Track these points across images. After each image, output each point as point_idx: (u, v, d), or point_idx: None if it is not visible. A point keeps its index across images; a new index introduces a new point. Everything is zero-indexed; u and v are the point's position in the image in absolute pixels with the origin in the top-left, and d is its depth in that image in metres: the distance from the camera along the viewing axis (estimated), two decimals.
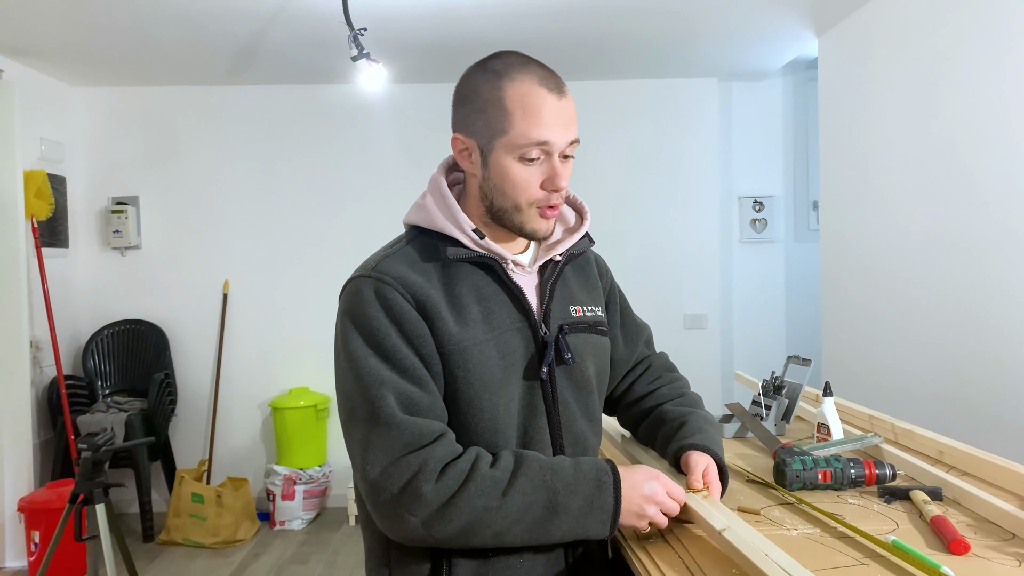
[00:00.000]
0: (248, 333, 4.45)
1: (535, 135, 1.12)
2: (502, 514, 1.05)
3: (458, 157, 1.20)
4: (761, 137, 4.59)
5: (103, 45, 3.62)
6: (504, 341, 1.17)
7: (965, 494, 1.25)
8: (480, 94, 1.15)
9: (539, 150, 1.13)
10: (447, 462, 1.06)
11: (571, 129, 1.15)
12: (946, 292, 2.75)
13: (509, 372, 1.16)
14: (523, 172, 1.14)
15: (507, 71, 1.14)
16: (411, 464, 1.04)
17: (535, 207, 1.17)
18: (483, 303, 1.17)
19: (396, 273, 1.13)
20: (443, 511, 1.03)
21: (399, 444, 1.05)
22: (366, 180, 4.42)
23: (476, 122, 1.15)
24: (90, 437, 2.55)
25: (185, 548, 3.90)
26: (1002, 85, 2.46)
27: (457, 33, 3.54)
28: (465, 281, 1.17)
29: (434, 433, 1.08)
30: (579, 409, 1.24)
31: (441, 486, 1.04)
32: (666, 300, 4.49)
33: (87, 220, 4.41)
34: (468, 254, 1.18)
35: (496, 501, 1.05)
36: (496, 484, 1.06)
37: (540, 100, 1.12)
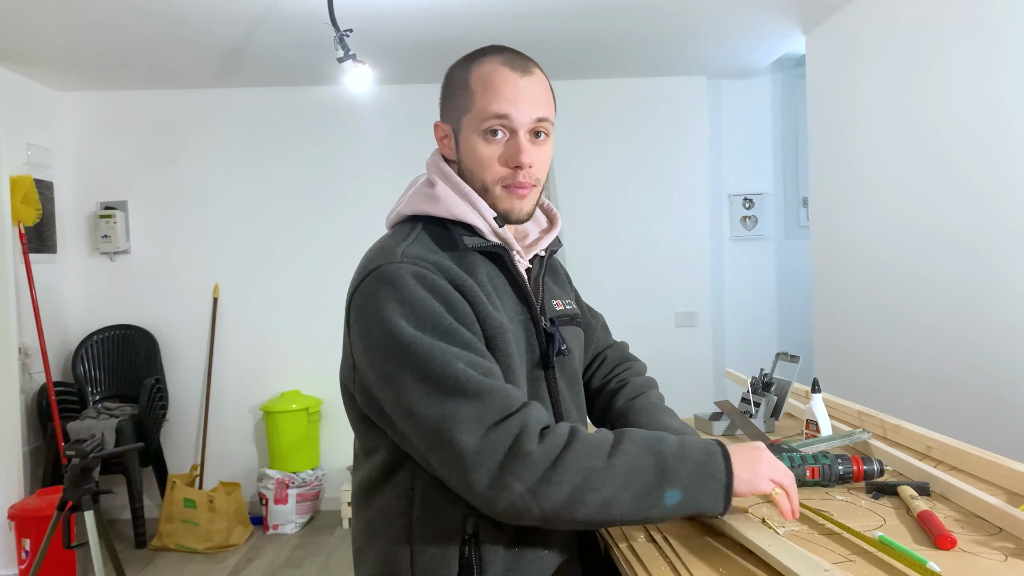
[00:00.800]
0: (239, 337, 4.44)
1: (494, 108, 1.12)
2: (610, 476, 0.99)
3: (440, 146, 1.22)
4: (750, 134, 4.59)
5: (90, 49, 3.60)
6: (515, 331, 1.16)
7: (952, 489, 1.25)
8: (453, 79, 1.20)
9: (500, 125, 1.13)
10: (544, 425, 1.03)
11: (537, 107, 1.14)
12: (936, 286, 2.76)
13: (521, 362, 1.17)
14: (486, 149, 1.15)
15: (478, 56, 1.18)
16: (511, 427, 1.00)
17: (500, 185, 1.16)
18: (496, 292, 1.17)
19: (428, 258, 1.10)
20: (550, 473, 0.98)
21: (493, 410, 1.01)
22: (355, 182, 4.41)
23: (448, 106, 1.19)
24: (78, 444, 2.53)
25: (178, 554, 3.88)
26: (987, 79, 2.47)
27: (444, 34, 3.53)
28: (480, 271, 1.16)
29: (521, 398, 1.05)
30: (572, 401, 1.26)
31: (546, 446, 0.99)
32: (657, 298, 4.49)
33: (75, 225, 4.39)
34: (482, 243, 1.17)
35: (603, 462, 1.00)
36: (601, 445, 1.02)
37: (501, 77, 1.13)
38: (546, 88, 1.18)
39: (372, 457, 1.18)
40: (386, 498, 1.15)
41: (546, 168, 1.20)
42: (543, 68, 1.22)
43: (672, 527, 1.19)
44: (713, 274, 4.56)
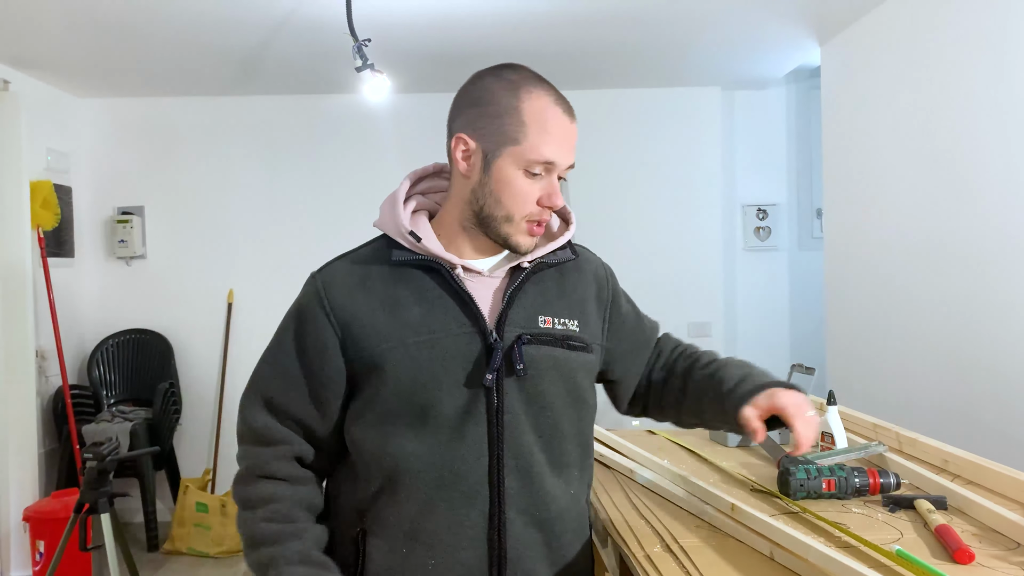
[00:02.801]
0: (253, 343, 4.42)
1: (546, 153, 1.13)
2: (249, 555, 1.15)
3: (456, 157, 1.18)
4: (764, 145, 4.59)
5: (109, 56, 3.64)
6: (442, 345, 1.14)
7: (970, 503, 1.25)
8: (496, 100, 1.15)
9: (543, 167, 1.15)
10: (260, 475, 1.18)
11: (572, 154, 1.18)
12: (949, 300, 2.75)
13: (444, 376, 1.14)
14: (525, 185, 1.15)
15: (524, 83, 1.15)
16: (244, 455, 1.21)
17: (526, 221, 1.17)
18: (424, 305, 1.16)
19: (330, 277, 1.22)
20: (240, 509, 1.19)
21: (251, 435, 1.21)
22: (370, 190, 4.39)
23: (487, 126, 1.15)
24: (95, 447, 2.55)
25: (190, 557, 3.89)
26: (1003, 93, 2.46)
27: (461, 43, 3.55)
28: (409, 284, 1.18)
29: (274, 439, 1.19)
30: (528, 423, 1.17)
31: (238, 491, 1.20)
32: (670, 308, 4.48)
33: (92, 230, 4.43)
34: (410, 257, 1.19)
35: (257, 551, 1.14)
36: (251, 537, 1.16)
37: (556, 119, 1.14)
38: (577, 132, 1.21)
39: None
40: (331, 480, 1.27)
41: None
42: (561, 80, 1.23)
43: (682, 531, 1.19)
44: (726, 284, 4.56)
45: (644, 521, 1.31)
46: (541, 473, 1.17)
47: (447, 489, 1.13)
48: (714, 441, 1.84)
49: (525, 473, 1.16)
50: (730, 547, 1.16)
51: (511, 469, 1.15)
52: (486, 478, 1.14)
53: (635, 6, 3.15)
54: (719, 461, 1.62)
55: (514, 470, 1.15)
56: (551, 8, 3.15)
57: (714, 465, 1.60)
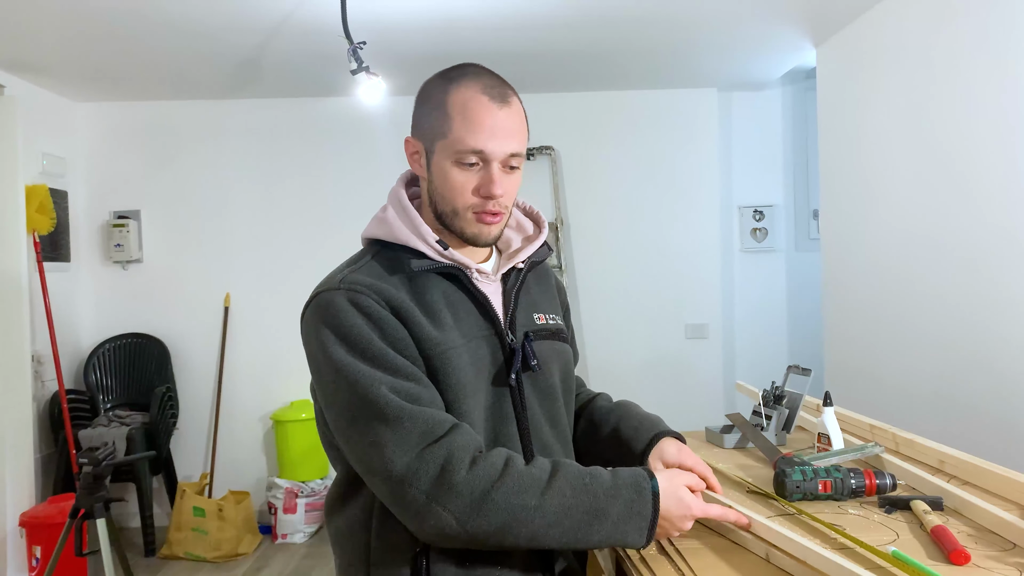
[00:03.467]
0: (250, 346, 4.46)
1: (471, 142, 1.13)
2: (540, 514, 1.02)
3: (409, 160, 1.22)
4: (761, 146, 4.60)
5: (105, 60, 3.64)
6: (474, 348, 1.16)
7: (966, 504, 1.25)
8: (430, 97, 1.18)
9: (476, 157, 1.14)
10: (474, 452, 1.05)
11: (511, 141, 1.15)
12: (947, 300, 2.75)
13: (479, 379, 1.16)
14: (459, 176, 1.15)
15: (457, 77, 1.16)
16: (435, 455, 1.02)
17: (471, 212, 1.17)
18: (452, 310, 1.17)
19: (366, 282, 1.13)
20: (479, 505, 1.01)
21: (415, 436, 1.03)
22: (366, 193, 4.41)
23: (423, 124, 1.18)
24: (91, 451, 2.55)
25: (187, 562, 3.89)
26: (999, 93, 2.47)
27: (456, 46, 3.55)
28: (434, 290, 1.18)
29: (448, 421, 1.06)
30: (544, 416, 1.23)
31: (474, 477, 1.01)
32: (667, 310, 4.49)
33: (89, 234, 4.42)
34: (432, 265, 1.18)
35: (535, 500, 1.02)
36: (535, 483, 1.04)
37: (480, 107, 1.13)
38: (521, 118, 1.18)
39: (338, 467, 1.21)
40: (352, 510, 1.18)
41: (515, 194, 1.22)
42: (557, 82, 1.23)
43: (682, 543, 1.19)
44: (723, 286, 4.56)
45: None
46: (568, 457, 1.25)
47: None
48: (711, 443, 1.83)
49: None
50: (726, 548, 1.16)
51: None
52: None
53: (631, 9, 3.15)
54: (715, 463, 1.62)
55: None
56: (546, 11, 3.15)
57: (710, 466, 1.60)
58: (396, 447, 1.03)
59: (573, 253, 4.43)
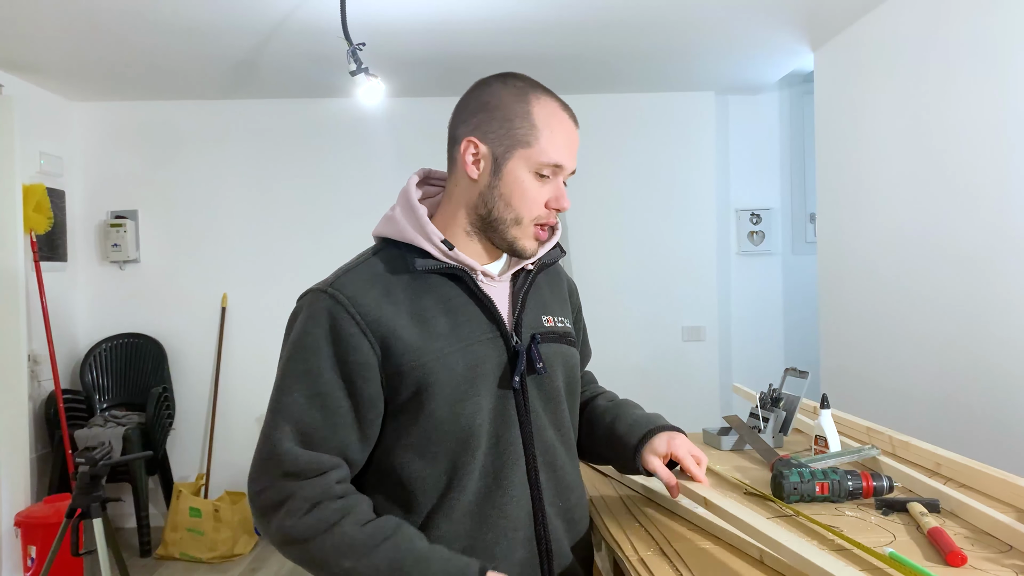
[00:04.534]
0: (246, 346, 4.45)
1: (555, 156, 1.17)
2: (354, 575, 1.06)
3: (464, 160, 1.19)
4: (758, 150, 4.61)
5: (102, 60, 3.63)
6: (473, 352, 1.16)
7: (962, 506, 1.25)
8: (506, 104, 1.18)
9: (552, 170, 1.18)
10: (315, 501, 1.07)
11: (575, 159, 1.21)
12: (943, 302, 2.76)
13: (479, 383, 1.15)
14: (534, 187, 1.18)
15: (531, 89, 1.20)
16: (282, 491, 1.08)
17: (534, 224, 1.19)
18: (451, 315, 1.17)
19: (352, 291, 1.14)
20: (299, 546, 1.06)
21: (279, 472, 1.08)
22: (364, 194, 4.43)
23: (497, 130, 1.17)
24: (88, 451, 2.55)
25: (183, 563, 3.88)
26: (995, 96, 2.48)
27: (456, 48, 3.56)
28: (432, 293, 1.17)
29: (319, 468, 1.09)
30: (548, 419, 1.23)
31: (300, 524, 1.06)
32: (664, 312, 4.50)
33: (86, 234, 4.41)
34: (436, 265, 1.18)
35: (351, 562, 1.05)
36: (355, 546, 1.05)
37: (564, 124, 1.19)
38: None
39: None
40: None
41: None
42: (555, 85, 1.25)
43: (676, 534, 1.19)
44: (720, 289, 4.57)
45: (638, 524, 1.31)
46: (563, 465, 1.24)
47: (494, 497, 1.15)
48: (708, 445, 1.84)
49: (551, 467, 1.22)
50: (724, 550, 1.16)
51: (542, 465, 1.20)
52: (526, 478, 1.18)
53: (629, 12, 3.16)
54: (713, 464, 1.62)
55: (543, 466, 1.20)
56: (545, 14, 3.16)
57: (708, 468, 1.60)
58: (260, 470, 1.10)
59: (570, 255, 4.43)
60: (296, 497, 1.07)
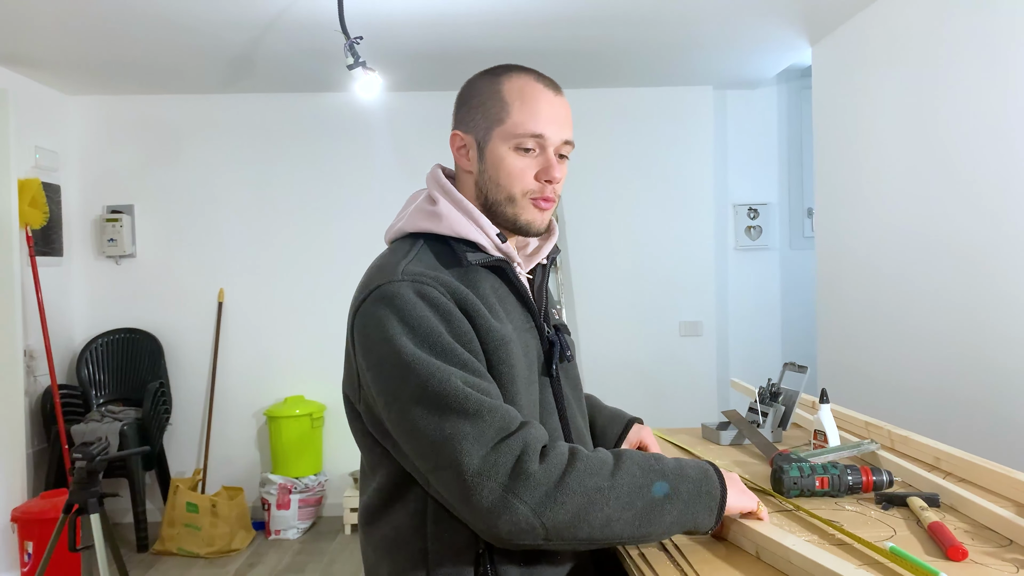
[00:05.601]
0: (243, 342, 4.44)
1: (531, 126, 1.15)
2: (614, 495, 1.01)
3: (456, 155, 1.22)
4: (756, 145, 4.60)
5: (98, 54, 3.62)
6: (523, 340, 1.18)
7: (962, 500, 1.25)
8: (479, 91, 1.20)
9: (534, 142, 1.16)
10: (544, 444, 1.03)
11: (566, 129, 1.18)
12: (942, 298, 2.76)
13: (531, 370, 1.18)
14: (518, 162, 1.17)
15: (506, 71, 1.20)
16: (512, 447, 1.00)
17: (528, 197, 1.18)
18: (501, 304, 1.18)
19: (429, 274, 1.10)
20: (554, 493, 0.98)
21: (492, 430, 1.00)
22: (362, 188, 4.42)
23: (474, 116, 1.19)
24: (85, 446, 2.54)
25: (180, 558, 3.88)
26: (994, 91, 2.48)
27: (453, 42, 3.55)
28: (485, 283, 1.17)
29: (519, 417, 1.04)
30: (575, 405, 1.28)
31: (548, 466, 0.99)
32: (661, 307, 4.50)
33: (82, 229, 4.40)
34: (486, 259, 1.17)
35: (607, 481, 1.01)
36: (603, 465, 1.03)
37: (537, 93, 1.17)
38: (570, 110, 1.21)
39: (378, 474, 1.17)
40: (398, 516, 1.14)
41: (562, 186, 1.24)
42: (554, 78, 1.25)
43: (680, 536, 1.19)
44: (717, 284, 4.57)
45: None
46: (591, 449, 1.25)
47: None
48: (707, 439, 1.84)
49: None
50: (724, 546, 1.16)
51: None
52: None
53: (627, 6, 3.15)
54: (712, 459, 1.62)
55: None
56: (542, 7, 3.15)
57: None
58: (474, 441, 0.99)
59: (568, 250, 4.43)
60: (529, 444, 1.00)
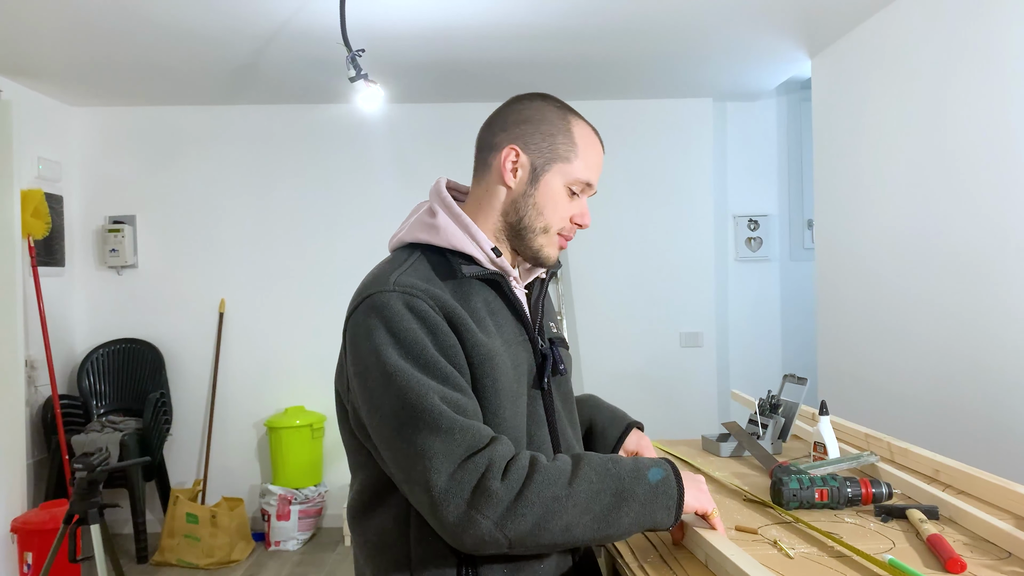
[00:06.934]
0: (244, 352, 4.45)
1: (588, 175, 1.26)
2: (572, 503, 1.04)
3: (504, 167, 1.22)
4: (756, 156, 4.62)
5: (101, 65, 3.64)
6: (514, 353, 1.20)
7: (961, 513, 1.26)
8: (549, 120, 1.25)
9: (582, 187, 1.26)
10: (509, 460, 1.06)
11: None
12: (942, 309, 2.77)
13: (520, 383, 1.20)
14: (565, 200, 1.25)
15: (570, 112, 1.28)
16: (478, 465, 1.03)
17: (559, 233, 1.26)
18: (493, 317, 1.20)
19: (420, 286, 1.13)
20: (514, 507, 1.02)
21: (462, 448, 1.04)
22: (363, 200, 4.44)
23: (540, 142, 1.23)
24: (86, 457, 2.54)
25: (179, 569, 3.87)
26: (993, 103, 2.49)
27: (455, 54, 3.57)
28: (477, 296, 1.20)
29: (489, 434, 1.07)
30: (566, 417, 1.30)
31: (509, 482, 1.03)
32: (662, 318, 4.50)
33: (84, 239, 4.41)
34: (481, 271, 1.20)
35: (564, 490, 1.04)
36: (561, 474, 1.06)
37: (597, 148, 1.29)
38: None
39: (360, 476, 1.21)
40: (383, 520, 1.17)
41: None
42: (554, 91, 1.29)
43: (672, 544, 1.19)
44: (718, 295, 4.57)
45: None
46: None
47: None
48: (707, 451, 1.84)
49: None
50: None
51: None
52: None
53: (628, 19, 3.17)
54: (712, 471, 1.62)
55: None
56: (544, 21, 3.17)
57: (707, 475, 1.61)
58: (443, 458, 1.03)
59: (569, 261, 4.44)
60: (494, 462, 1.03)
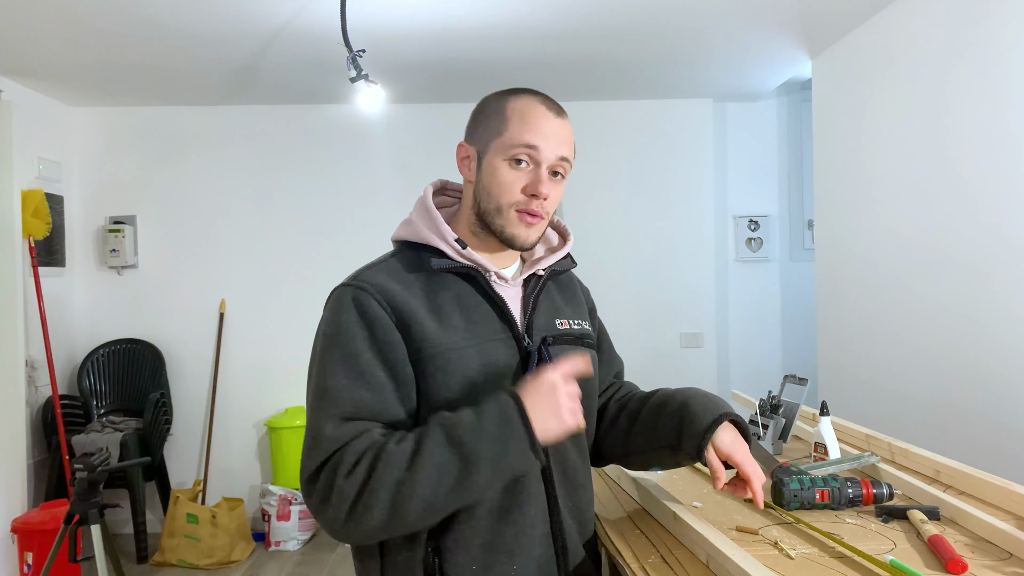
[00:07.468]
0: (244, 352, 4.45)
1: (525, 137, 1.18)
2: (418, 483, 1.04)
3: (459, 165, 1.26)
4: (756, 157, 4.62)
5: (101, 65, 3.64)
6: (486, 350, 1.19)
7: (962, 513, 1.26)
8: (487, 106, 1.25)
9: (527, 154, 1.19)
10: (361, 454, 1.07)
11: (563, 146, 1.21)
12: (942, 309, 2.77)
13: (493, 380, 1.18)
14: (509, 174, 1.20)
15: (515, 92, 1.25)
16: (333, 463, 1.07)
17: (514, 210, 1.20)
18: (465, 312, 1.20)
19: (375, 281, 1.18)
20: (361, 499, 1.04)
21: (329, 442, 1.08)
22: (363, 200, 4.44)
23: (478, 130, 1.24)
24: (86, 457, 2.54)
25: (179, 569, 3.87)
26: (993, 103, 2.49)
27: (455, 55, 3.57)
28: (448, 291, 1.21)
29: (360, 430, 1.09)
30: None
31: (353, 476, 1.05)
32: (662, 319, 4.50)
33: (84, 239, 4.41)
34: (451, 264, 1.22)
35: (405, 473, 1.04)
36: (403, 456, 1.05)
37: (536, 112, 1.21)
38: (571, 133, 1.25)
39: None
40: None
41: (556, 205, 1.26)
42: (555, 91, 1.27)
43: (676, 542, 1.19)
44: (718, 295, 4.57)
45: (639, 532, 1.31)
46: (575, 465, 1.27)
47: (513, 494, 1.17)
48: None
49: (563, 466, 1.24)
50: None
51: (554, 464, 1.22)
52: (540, 476, 1.20)
53: (628, 20, 3.17)
54: None
55: (555, 465, 1.22)
56: (544, 21, 3.17)
57: (708, 475, 1.61)
58: (316, 451, 1.09)
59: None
60: (343, 459, 1.07)
